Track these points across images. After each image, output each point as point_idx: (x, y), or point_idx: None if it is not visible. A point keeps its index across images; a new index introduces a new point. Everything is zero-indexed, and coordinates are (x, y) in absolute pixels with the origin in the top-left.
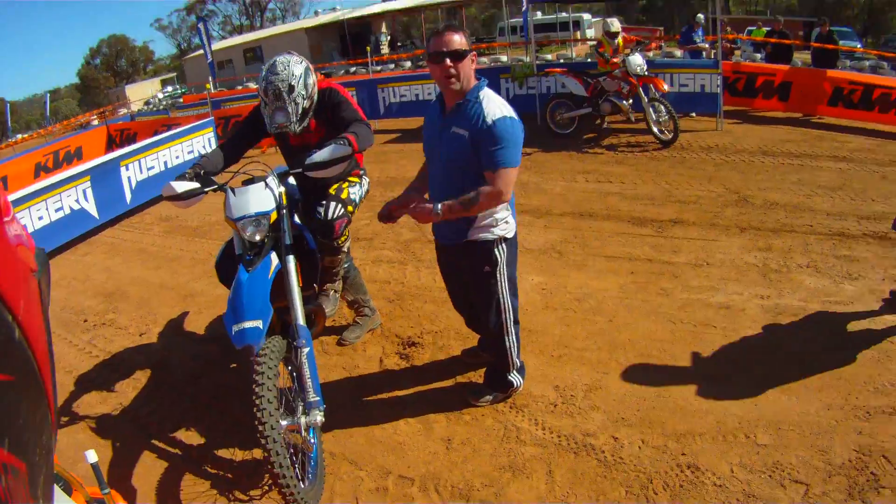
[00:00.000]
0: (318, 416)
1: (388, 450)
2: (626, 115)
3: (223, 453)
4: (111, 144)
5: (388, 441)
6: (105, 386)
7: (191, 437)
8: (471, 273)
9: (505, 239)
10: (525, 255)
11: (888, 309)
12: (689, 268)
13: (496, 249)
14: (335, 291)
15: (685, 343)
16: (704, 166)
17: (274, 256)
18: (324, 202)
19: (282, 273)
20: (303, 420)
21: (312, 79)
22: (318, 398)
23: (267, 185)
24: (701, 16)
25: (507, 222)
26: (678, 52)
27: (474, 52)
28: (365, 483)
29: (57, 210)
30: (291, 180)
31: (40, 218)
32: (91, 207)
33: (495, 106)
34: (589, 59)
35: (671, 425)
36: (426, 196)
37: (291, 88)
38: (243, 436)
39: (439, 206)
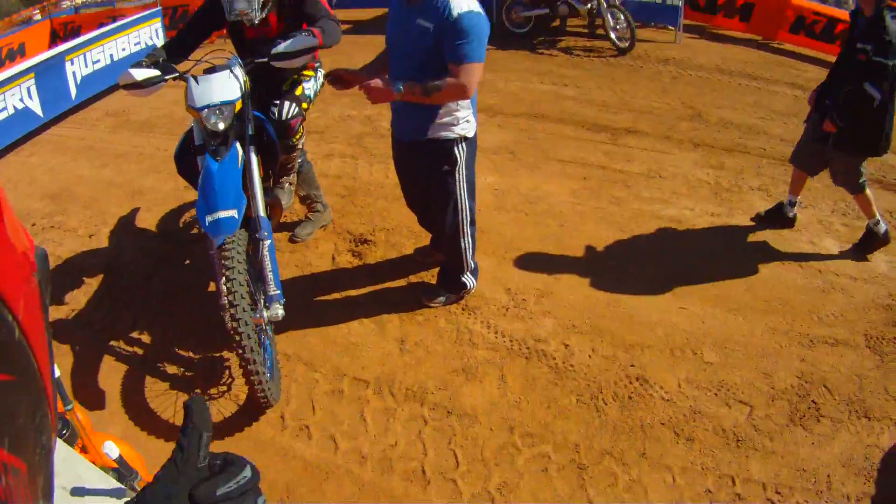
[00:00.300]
0: (280, 310)
1: (342, 350)
2: (585, 20)
3: (181, 352)
4: (55, 39)
5: (343, 341)
6: (57, 292)
7: (147, 338)
8: (428, 172)
9: (465, 138)
10: (478, 154)
11: (758, 226)
12: (641, 178)
13: (456, 148)
14: (290, 184)
15: (636, 254)
16: (661, 78)
17: (238, 146)
18: (277, 101)
19: (245, 163)
20: (265, 314)
21: None
22: (278, 291)
23: (232, 73)
24: None
25: (467, 121)
26: None
27: None
28: (320, 385)
29: (0, 110)
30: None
31: None
32: (35, 105)
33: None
34: None
35: (620, 335)
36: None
37: None
38: (199, 334)
39: (401, 84)
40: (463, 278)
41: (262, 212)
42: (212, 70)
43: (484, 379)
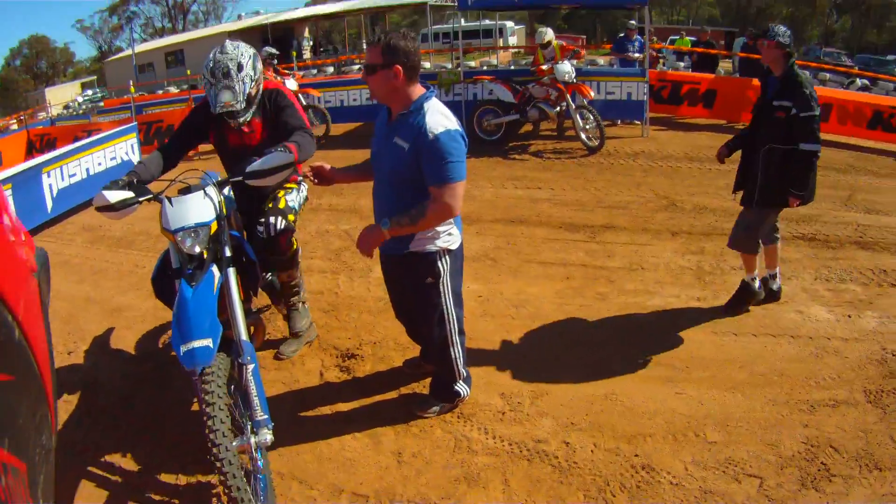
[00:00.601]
0: (268, 436)
1: (338, 467)
2: (555, 122)
3: (165, 478)
4: (31, 150)
5: (337, 458)
6: None
7: (129, 463)
8: (413, 285)
9: (448, 251)
10: None
11: (729, 311)
12: (624, 272)
13: (439, 262)
14: (303, 303)
15: (626, 346)
16: (632, 172)
17: (215, 269)
18: (262, 220)
19: (223, 286)
20: (252, 440)
21: (260, 65)
22: (265, 416)
23: (206, 193)
24: (633, 22)
25: (450, 234)
26: (600, 60)
27: (397, 66)
28: (318, 503)
29: None
30: (228, 188)
31: None
32: None
33: (438, 118)
34: (512, 66)
35: (621, 428)
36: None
37: (240, 67)
38: (183, 459)
39: (387, 221)
40: (456, 387)
41: (243, 335)
42: (186, 190)
43: (487, 485)
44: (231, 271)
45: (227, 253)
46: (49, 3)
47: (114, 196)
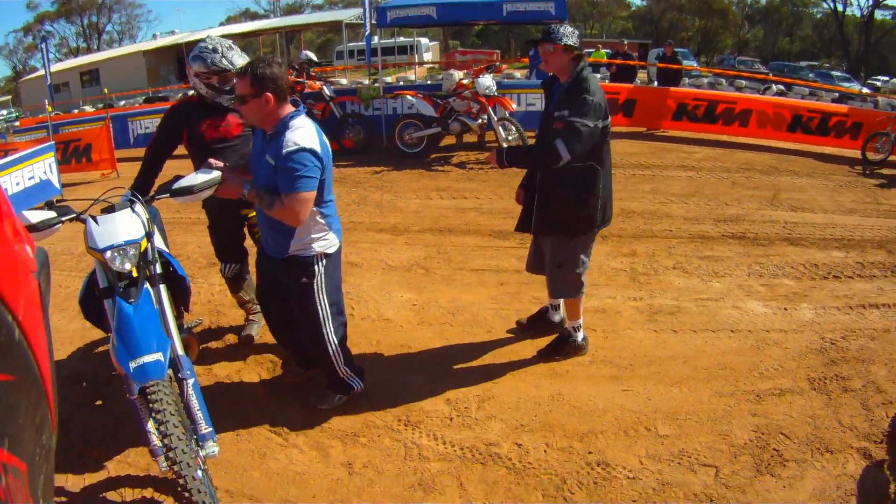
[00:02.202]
0: (214, 448)
1: (288, 481)
2: (477, 134)
3: (112, 500)
4: None
5: (286, 472)
6: None
7: (72, 487)
8: (290, 285)
9: (325, 255)
10: (391, 272)
11: (520, 332)
12: None
13: (316, 265)
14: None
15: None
16: None
17: (148, 286)
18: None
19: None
20: (200, 453)
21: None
22: (210, 429)
23: (134, 210)
24: None
25: (325, 239)
26: (517, 74)
27: (267, 94)
28: None
29: None
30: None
31: None
32: None
33: (297, 135)
34: (429, 81)
35: (571, 426)
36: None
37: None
38: (124, 482)
39: (249, 186)
40: (347, 381)
41: (180, 351)
42: (110, 209)
43: (444, 490)
44: (163, 288)
45: (158, 270)
46: None
47: (35, 216)
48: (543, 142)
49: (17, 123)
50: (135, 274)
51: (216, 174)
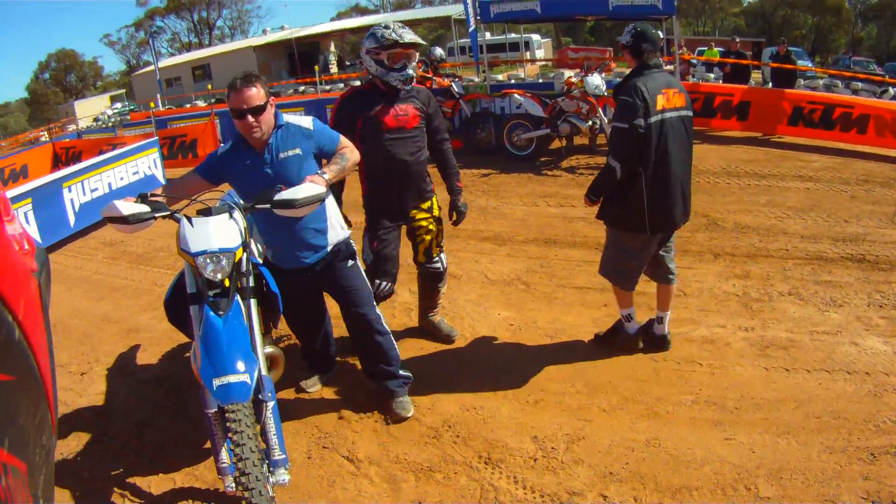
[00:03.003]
0: (286, 476)
1: None
2: (587, 136)
3: None
4: (57, 163)
5: None
6: None
7: (138, 493)
8: (340, 278)
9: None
10: (490, 287)
11: (596, 344)
12: None
13: (351, 244)
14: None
15: (670, 383)
16: None
17: (238, 300)
18: (436, 257)
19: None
20: (270, 479)
21: None
22: (283, 455)
23: (232, 216)
24: (660, 34)
25: (343, 227)
26: None
27: (272, 100)
28: None
29: None
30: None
31: None
32: (33, 231)
33: (296, 117)
34: (540, 80)
35: (665, 479)
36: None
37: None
38: (194, 493)
39: (325, 172)
40: (401, 370)
41: (264, 371)
42: (206, 212)
43: None
44: (253, 303)
45: (251, 283)
46: (76, 18)
47: (126, 208)
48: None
49: (129, 117)
50: (226, 284)
51: (321, 188)
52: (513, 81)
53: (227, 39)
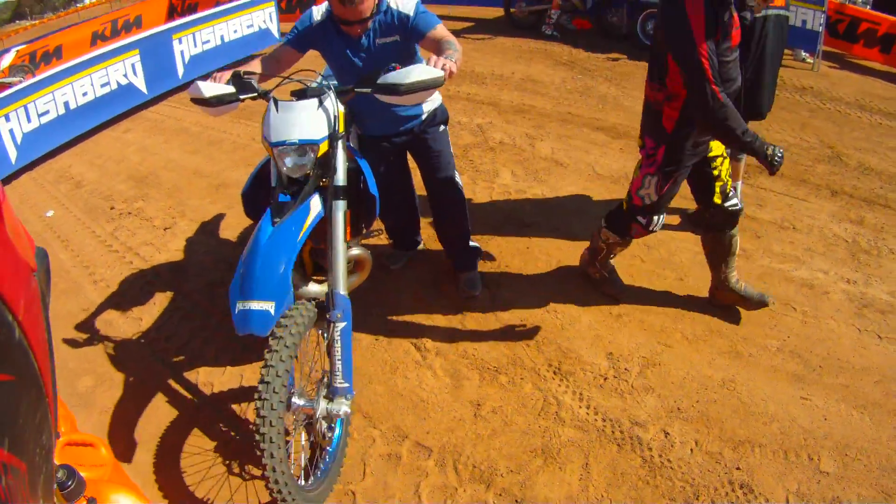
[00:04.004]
0: (345, 407)
1: (408, 407)
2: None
3: (234, 406)
4: (172, 14)
5: (411, 396)
6: (117, 290)
7: (201, 368)
8: (433, 144)
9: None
10: (596, 181)
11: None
12: (773, 228)
13: (445, 108)
14: None
15: (760, 324)
16: (798, 109)
17: (316, 202)
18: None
19: (324, 222)
20: (322, 405)
21: None
22: (346, 384)
23: (321, 103)
24: None
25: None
26: None
27: None
28: (377, 445)
29: (103, 85)
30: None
31: (84, 94)
32: (140, 82)
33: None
34: None
35: (730, 428)
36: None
37: None
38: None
39: (449, 62)
40: (472, 244)
41: (340, 287)
42: (301, 93)
43: (565, 465)
44: (340, 205)
45: (340, 181)
46: None
47: (210, 89)
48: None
49: None
50: (309, 181)
51: (439, 73)
52: None
53: None
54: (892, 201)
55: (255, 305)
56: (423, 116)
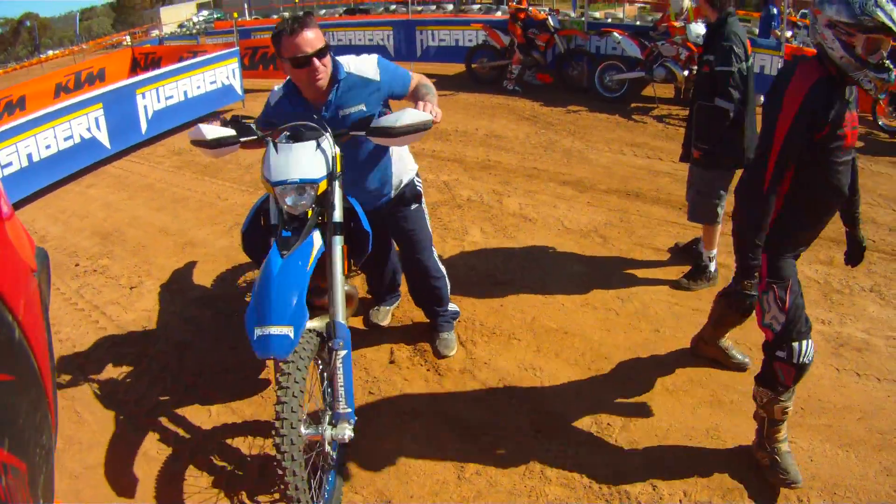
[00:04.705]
0: (348, 431)
1: (390, 472)
2: (682, 87)
3: (229, 442)
4: (135, 68)
5: (392, 459)
6: (84, 351)
7: (172, 422)
8: (406, 220)
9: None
10: (565, 235)
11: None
12: None
13: (420, 188)
14: None
15: (738, 371)
16: None
17: (317, 236)
18: None
19: (325, 257)
20: (328, 432)
21: None
22: (349, 410)
23: (319, 145)
24: None
25: (409, 169)
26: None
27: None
28: None
29: (66, 139)
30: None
31: (48, 147)
32: (103, 136)
33: (359, 62)
34: (638, 22)
35: (718, 476)
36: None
37: None
38: (232, 428)
39: (429, 105)
40: (451, 306)
41: (340, 317)
42: (297, 136)
43: None
44: (338, 240)
45: (338, 218)
46: None
47: (211, 132)
48: (702, 97)
49: (214, 26)
50: (308, 218)
51: (428, 116)
52: (609, 21)
53: None
54: (871, 246)
55: (275, 330)
56: (392, 194)
